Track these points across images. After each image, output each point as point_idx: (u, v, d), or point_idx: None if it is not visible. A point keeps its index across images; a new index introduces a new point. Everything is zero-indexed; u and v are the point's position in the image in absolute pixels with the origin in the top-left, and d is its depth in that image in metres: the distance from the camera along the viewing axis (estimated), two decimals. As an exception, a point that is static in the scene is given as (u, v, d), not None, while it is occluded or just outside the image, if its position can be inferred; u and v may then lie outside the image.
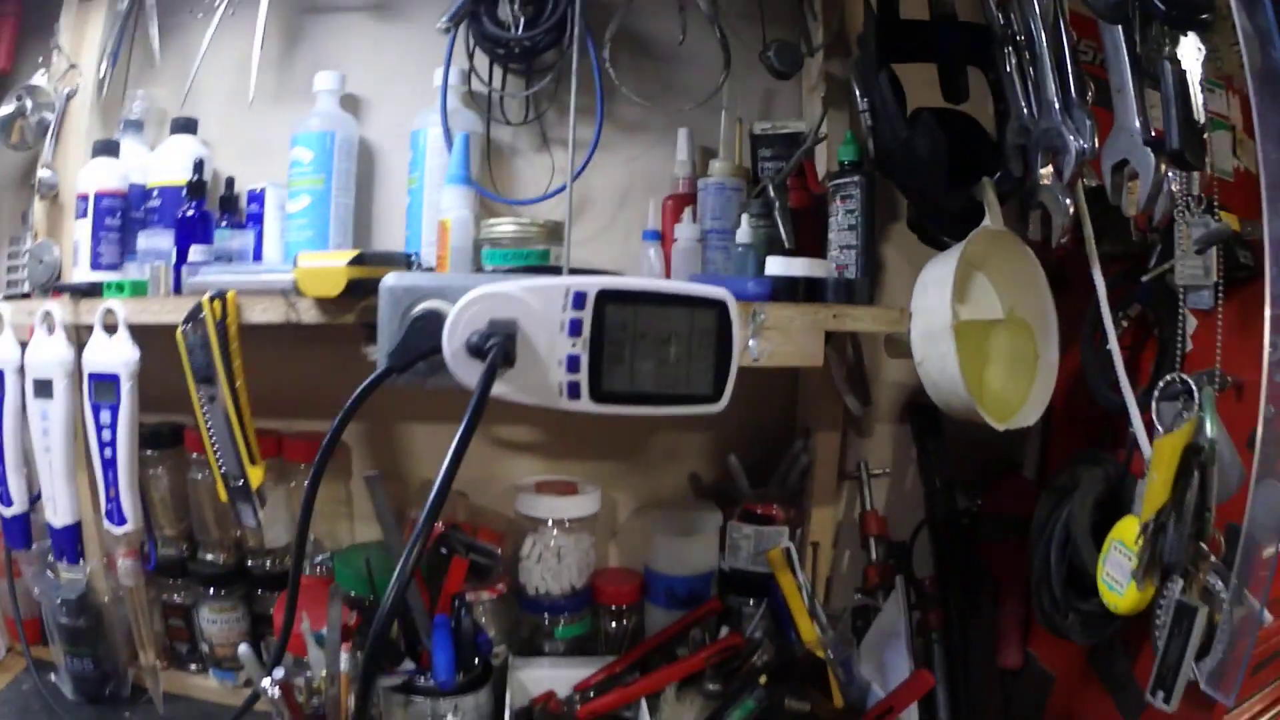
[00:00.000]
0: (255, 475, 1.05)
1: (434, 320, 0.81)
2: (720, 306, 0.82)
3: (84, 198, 1.20)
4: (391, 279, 0.86)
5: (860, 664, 1.24)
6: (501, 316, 0.77)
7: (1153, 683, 1.00)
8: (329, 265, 0.98)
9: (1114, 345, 1.11)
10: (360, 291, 0.98)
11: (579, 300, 0.78)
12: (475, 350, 0.75)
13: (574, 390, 0.79)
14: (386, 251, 1.20)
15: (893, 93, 1.15)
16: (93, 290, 1.13)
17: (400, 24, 1.31)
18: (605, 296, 0.78)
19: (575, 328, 0.78)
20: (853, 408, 1.29)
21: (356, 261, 0.98)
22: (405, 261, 1.09)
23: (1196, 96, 0.95)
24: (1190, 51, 0.97)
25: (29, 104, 1.25)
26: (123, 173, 1.22)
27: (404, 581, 0.67)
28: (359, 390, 0.81)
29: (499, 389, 0.78)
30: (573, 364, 0.79)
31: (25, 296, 1.23)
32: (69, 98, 1.25)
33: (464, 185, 1.11)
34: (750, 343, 1.03)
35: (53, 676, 1.24)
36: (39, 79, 1.26)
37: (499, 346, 0.74)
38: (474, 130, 1.24)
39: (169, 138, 1.25)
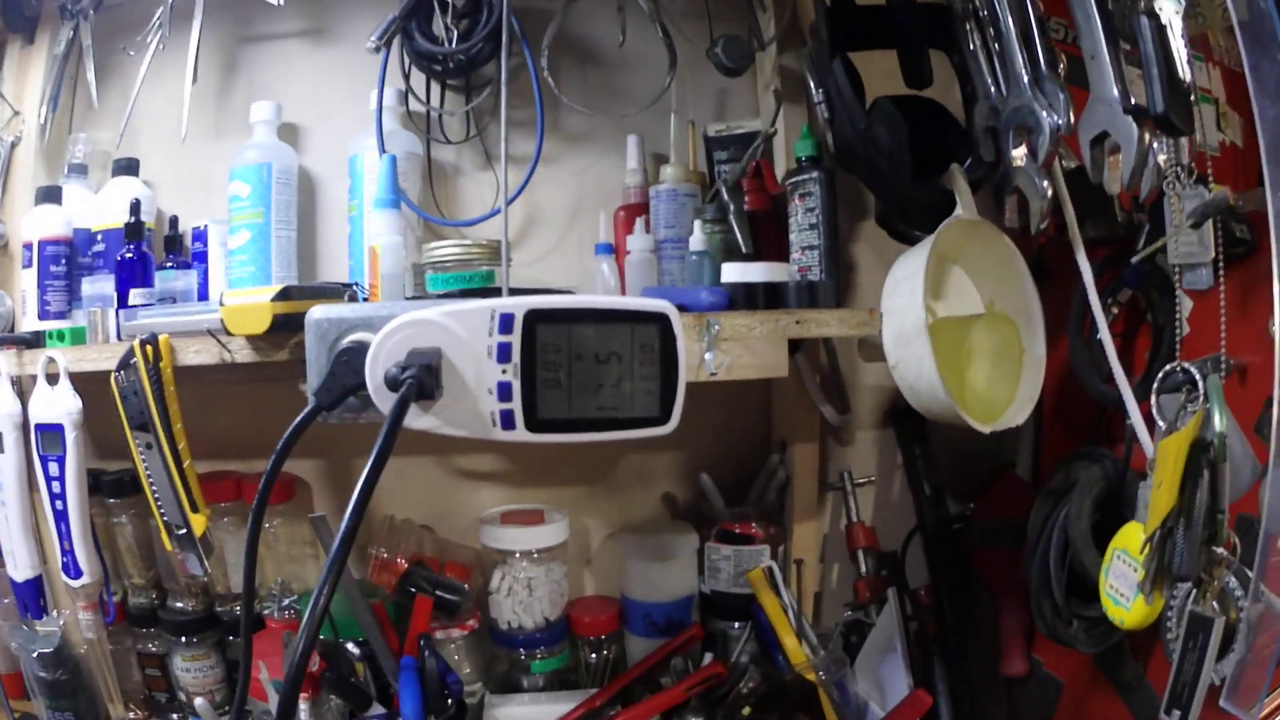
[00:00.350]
0: (198, 523, 0.99)
1: (359, 353, 0.75)
2: (662, 320, 0.74)
3: (28, 246, 1.15)
4: (317, 312, 0.81)
5: (856, 682, 1.15)
6: (423, 346, 0.70)
7: (1167, 700, 0.91)
8: (253, 302, 0.91)
9: (1105, 334, 1.02)
10: (290, 327, 0.92)
11: (506, 323, 0.71)
12: (393, 384, 0.69)
13: (508, 420, 0.72)
14: (318, 284, 1.14)
15: (849, 81, 1.06)
16: (36, 340, 1.08)
17: (336, 48, 1.24)
18: (534, 317, 0.71)
19: (504, 352, 0.71)
20: (830, 417, 1.20)
21: (282, 296, 0.92)
22: (340, 292, 1.02)
23: (1180, 53, 0.86)
24: (1168, 4, 0.87)
25: (-25, 154, 1.21)
26: (66, 219, 1.16)
27: (313, 629, 0.59)
28: (288, 432, 0.74)
29: (426, 422, 0.72)
30: (504, 392, 0.72)
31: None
32: (14, 146, 1.20)
33: (393, 209, 1.04)
34: (706, 356, 0.95)
35: (36, 731, 1.19)
36: (-16, 129, 1.21)
37: (413, 380, 0.67)
38: (414, 151, 1.17)
39: (111, 180, 1.19)
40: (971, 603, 1.22)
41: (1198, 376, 0.92)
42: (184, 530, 0.99)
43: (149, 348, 0.96)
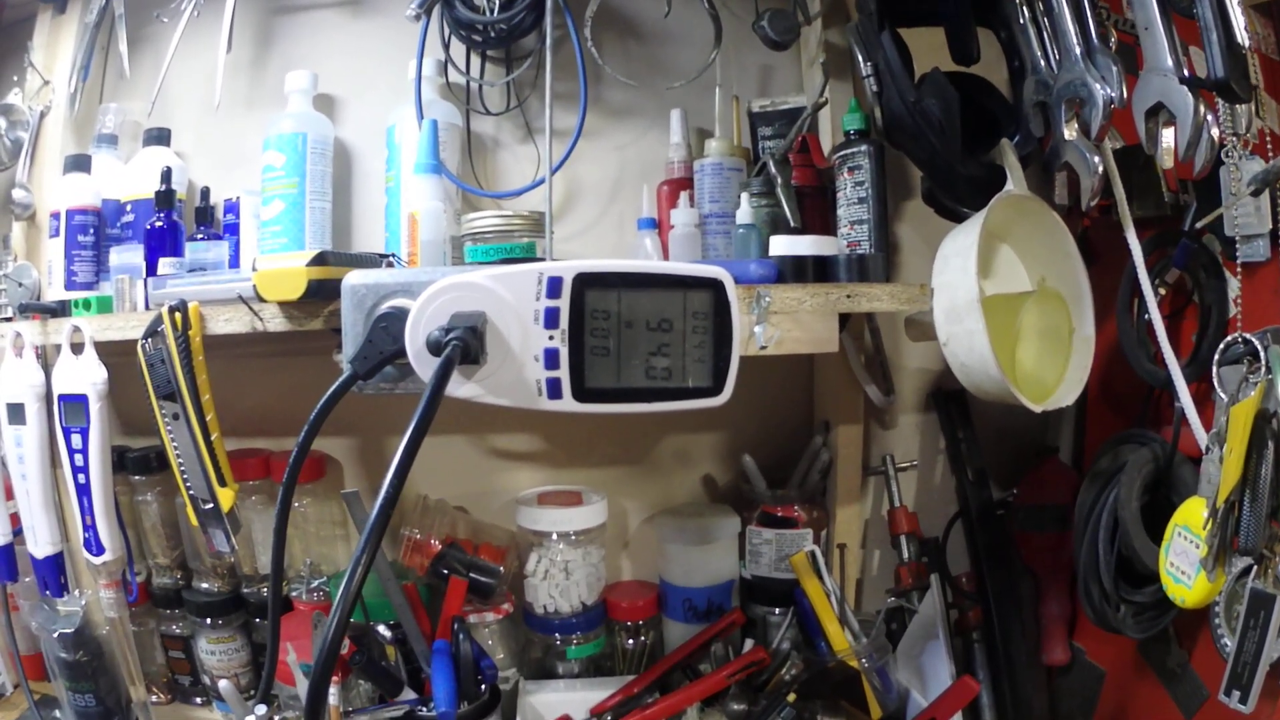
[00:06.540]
0: (225, 497, 0.89)
1: (398, 319, 0.67)
2: (716, 286, 0.65)
3: (56, 216, 1.06)
4: (353, 277, 0.72)
5: (897, 670, 1.06)
6: (467, 309, 0.62)
7: (1226, 682, 0.83)
8: (288, 266, 0.82)
9: (1154, 313, 0.94)
10: (325, 294, 0.83)
11: (554, 287, 0.63)
12: (435, 348, 0.60)
13: (554, 388, 0.64)
14: (353, 252, 1.04)
15: (899, 54, 0.98)
16: (61, 309, 0.99)
17: (374, 19, 1.15)
18: (583, 281, 0.63)
19: (551, 318, 0.63)
20: (875, 398, 1.11)
21: (317, 261, 0.82)
22: (378, 261, 0.93)
23: (1238, 18, 0.77)
24: (1227, -31, 0.80)
25: (3, 124, 1.12)
26: (95, 188, 1.08)
27: (346, 610, 0.50)
28: (322, 402, 0.66)
29: (468, 390, 0.64)
30: (551, 359, 0.63)
31: (9, 321, 1.09)
32: (43, 115, 1.12)
33: (434, 174, 0.95)
34: (755, 329, 0.86)
35: (56, 714, 1.10)
36: (13, 98, 1.12)
37: (458, 341, 0.59)
38: (453, 123, 1.08)
39: (141, 150, 1.10)
40: (1014, 589, 1.13)
41: (1259, 347, 0.84)
42: (210, 505, 0.90)
43: (177, 315, 0.87)
